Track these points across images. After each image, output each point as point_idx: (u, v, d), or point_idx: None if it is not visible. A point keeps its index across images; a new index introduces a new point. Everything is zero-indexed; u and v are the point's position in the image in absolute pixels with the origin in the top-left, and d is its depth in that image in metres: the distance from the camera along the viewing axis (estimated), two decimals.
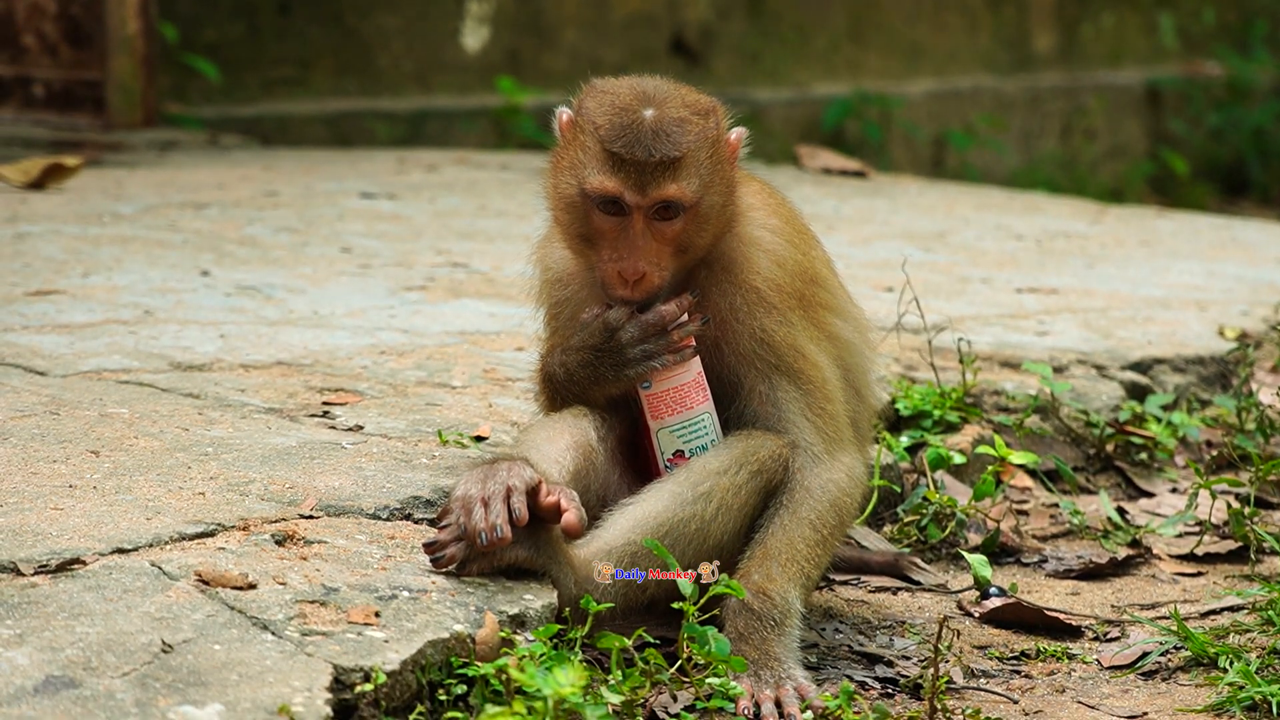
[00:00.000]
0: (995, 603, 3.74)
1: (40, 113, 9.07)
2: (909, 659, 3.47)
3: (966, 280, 6.01)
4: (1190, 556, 4.11)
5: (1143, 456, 4.61)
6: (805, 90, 11.19)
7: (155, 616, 2.83)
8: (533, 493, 3.10)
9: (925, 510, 4.10)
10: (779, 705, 3.11)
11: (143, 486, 3.34)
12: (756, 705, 3.11)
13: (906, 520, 4.13)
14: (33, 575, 2.93)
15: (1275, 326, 5.23)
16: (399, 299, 5.20)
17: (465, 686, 2.89)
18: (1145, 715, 3.27)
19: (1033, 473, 4.46)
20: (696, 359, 3.35)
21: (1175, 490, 4.51)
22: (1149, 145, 12.97)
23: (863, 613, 3.71)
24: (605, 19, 10.53)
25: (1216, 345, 5.23)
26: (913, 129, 11.59)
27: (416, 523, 3.33)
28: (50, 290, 5.04)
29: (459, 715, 2.84)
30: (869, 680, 3.38)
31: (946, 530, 4.08)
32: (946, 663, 3.39)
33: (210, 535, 3.15)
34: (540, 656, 2.94)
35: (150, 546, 3.07)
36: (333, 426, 3.88)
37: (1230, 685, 3.27)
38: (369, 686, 2.78)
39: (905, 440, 4.35)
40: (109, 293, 5.04)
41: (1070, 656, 3.56)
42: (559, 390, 3.41)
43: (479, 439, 3.85)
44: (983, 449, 4.13)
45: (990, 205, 8.05)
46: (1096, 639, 3.66)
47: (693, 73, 10.35)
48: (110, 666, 2.70)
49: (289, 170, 7.84)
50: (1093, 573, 4.01)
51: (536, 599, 3.08)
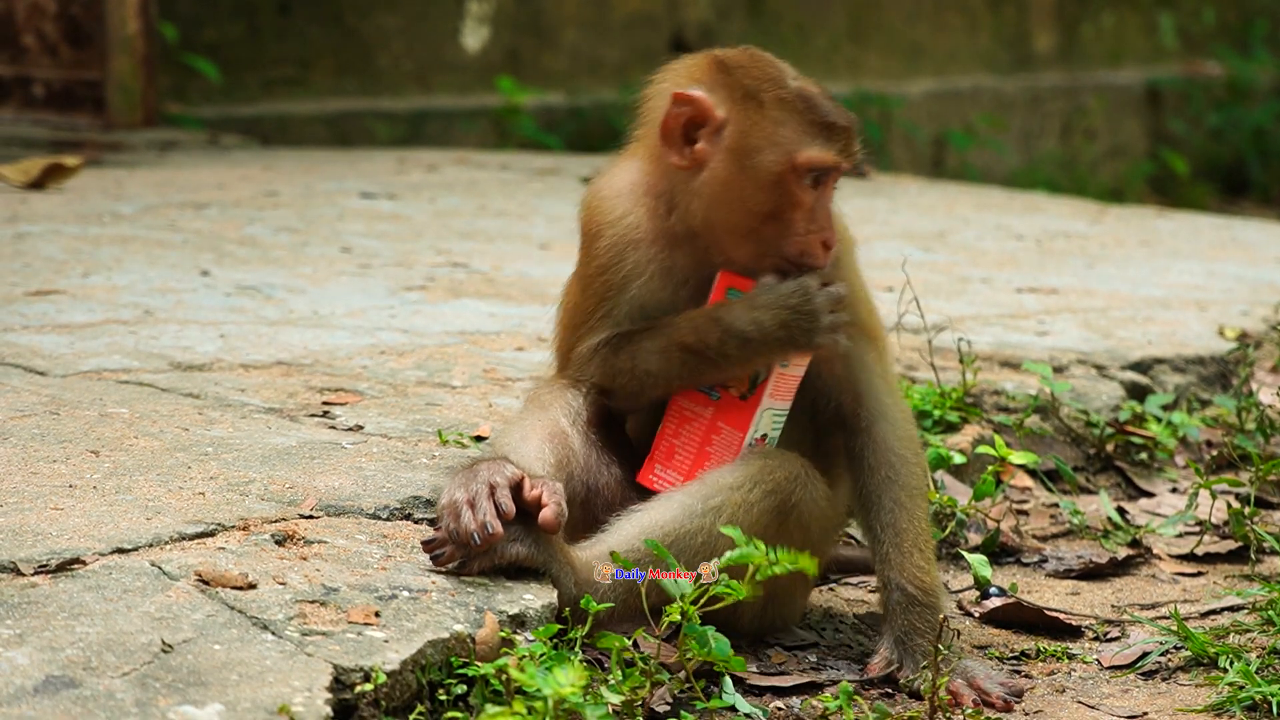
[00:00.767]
0: (995, 603, 3.74)
1: (40, 113, 9.07)
2: None
3: (966, 280, 6.02)
4: (1190, 556, 4.11)
5: (1143, 456, 4.61)
6: None
7: (155, 616, 2.83)
8: (517, 488, 3.11)
9: None
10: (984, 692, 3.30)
11: (143, 486, 3.34)
12: (981, 695, 3.28)
13: None
14: (33, 575, 2.93)
15: (1275, 326, 5.23)
16: (399, 299, 5.21)
17: (465, 686, 2.89)
18: (1145, 715, 3.27)
19: (1033, 473, 4.46)
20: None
21: (1175, 490, 4.51)
22: (1149, 145, 12.98)
23: (863, 613, 3.71)
24: (605, 19, 10.53)
25: (1216, 345, 5.23)
26: (913, 129, 11.59)
27: (416, 523, 3.33)
28: (50, 290, 5.04)
29: (459, 715, 2.84)
30: (869, 680, 3.38)
31: (947, 530, 4.08)
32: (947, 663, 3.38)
33: (210, 535, 3.15)
34: (540, 656, 2.94)
35: (150, 546, 3.07)
36: (333, 426, 3.88)
37: (1230, 685, 3.27)
38: (369, 686, 2.78)
39: None
40: (109, 293, 5.04)
41: (1070, 656, 3.56)
42: (735, 349, 3.34)
43: (479, 439, 3.85)
44: (983, 449, 4.12)
45: (990, 205, 8.05)
46: (1096, 639, 3.66)
47: None
48: (110, 666, 2.70)
49: (289, 170, 7.84)
50: (1093, 573, 4.01)
51: (536, 599, 3.09)
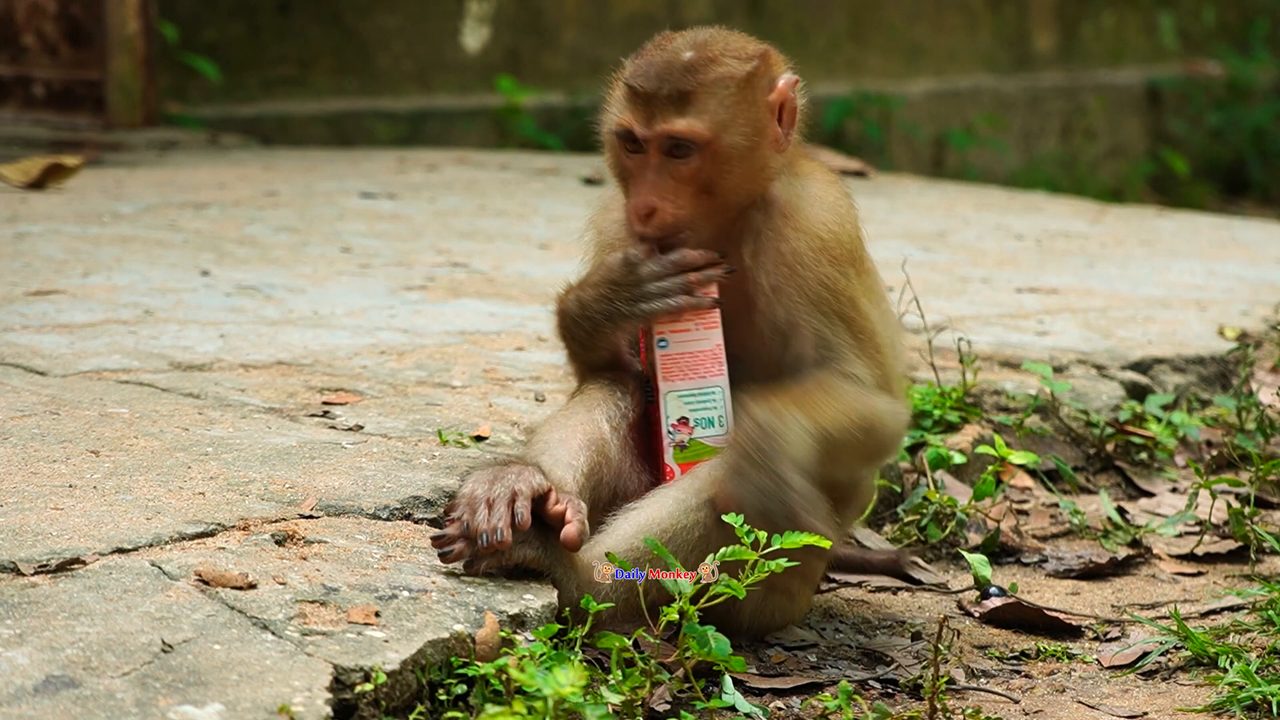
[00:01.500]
0: (995, 602, 3.74)
1: (40, 112, 9.07)
2: (909, 659, 3.48)
3: (966, 280, 6.02)
4: (1190, 556, 4.11)
5: (1143, 456, 4.61)
6: (805, 90, 11.19)
7: (155, 616, 2.83)
8: (541, 499, 3.11)
9: (925, 510, 4.10)
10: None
11: (143, 486, 3.34)
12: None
13: (906, 520, 4.13)
14: (33, 575, 2.93)
15: (1275, 326, 5.23)
16: (399, 299, 5.20)
17: (465, 686, 2.89)
18: (1145, 715, 3.27)
19: (1033, 472, 4.46)
20: (717, 331, 3.34)
21: (1175, 490, 4.51)
22: (1149, 145, 12.98)
23: (863, 612, 3.71)
24: (605, 19, 10.53)
25: (1216, 345, 5.23)
26: (913, 129, 11.59)
27: (416, 523, 3.34)
28: (50, 290, 5.04)
29: (459, 715, 2.84)
30: (869, 680, 3.38)
31: (946, 530, 4.08)
32: (946, 662, 3.39)
33: (210, 535, 3.15)
34: (540, 656, 2.94)
35: (150, 546, 3.07)
36: (333, 426, 3.88)
37: (1230, 685, 3.27)
38: (369, 686, 2.78)
39: (905, 440, 4.34)
40: (109, 292, 5.04)
41: (1070, 656, 3.56)
42: (571, 329, 3.39)
43: (479, 439, 3.85)
44: (983, 449, 4.13)
45: (990, 205, 8.05)
46: (1096, 639, 3.66)
47: None
48: (110, 666, 2.70)
49: (289, 170, 7.84)
50: (1093, 572, 4.01)
51: (536, 599, 3.09)
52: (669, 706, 3.10)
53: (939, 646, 3.12)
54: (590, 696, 2.87)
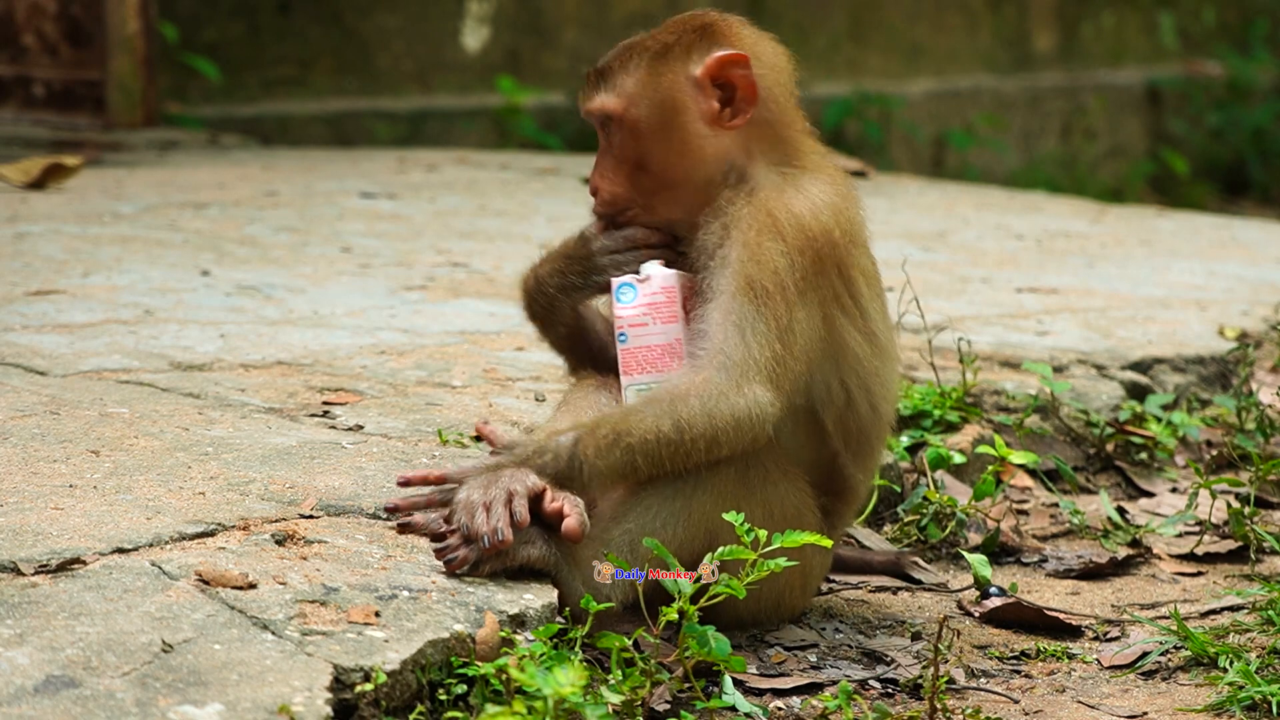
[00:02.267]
0: (995, 602, 3.74)
1: (40, 112, 9.07)
2: (909, 659, 3.48)
3: (966, 280, 6.02)
4: (1190, 556, 4.11)
5: (1143, 456, 4.61)
6: (805, 90, 11.16)
7: (155, 616, 2.83)
8: (537, 498, 3.11)
9: (925, 510, 4.11)
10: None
11: (143, 486, 3.34)
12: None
13: (906, 520, 4.13)
14: (33, 575, 2.93)
15: (1275, 326, 5.23)
16: (399, 299, 5.21)
17: (465, 686, 2.89)
18: (1145, 715, 3.27)
19: (1033, 472, 4.46)
20: (676, 326, 3.32)
21: (1175, 490, 4.51)
22: (1149, 145, 12.98)
23: (863, 612, 3.71)
24: (605, 19, 10.53)
25: (1216, 345, 5.23)
26: (913, 129, 11.59)
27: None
28: (50, 290, 5.04)
29: (459, 715, 2.84)
30: (869, 680, 3.38)
31: (946, 530, 4.08)
32: (946, 662, 3.39)
33: (210, 535, 3.15)
34: (540, 656, 2.94)
35: (150, 546, 3.07)
36: (333, 426, 3.88)
37: (1230, 685, 3.27)
38: (369, 686, 2.78)
39: (905, 440, 4.35)
40: (109, 292, 5.04)
41: (1070, 656, 3.56)
42: (530, 305, 3.49)
43: (478, 439, 3.85)
44: (983, 449, 4.13)
45: (990, 205, 8.05)
46: (1096, 639, 3.66)
47: None
48: (110, 666, 2.70)
49: (289, 170, 7.84)
50: (1093, 572, 4.01)
51: (537, 599, 3.09)
52: (669, 706, 3.10)
53: (939, 646, 3.12)
54: (590, 696, 2.87)
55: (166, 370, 4.25)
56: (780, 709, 3.24)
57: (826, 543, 3.18)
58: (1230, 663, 3.38)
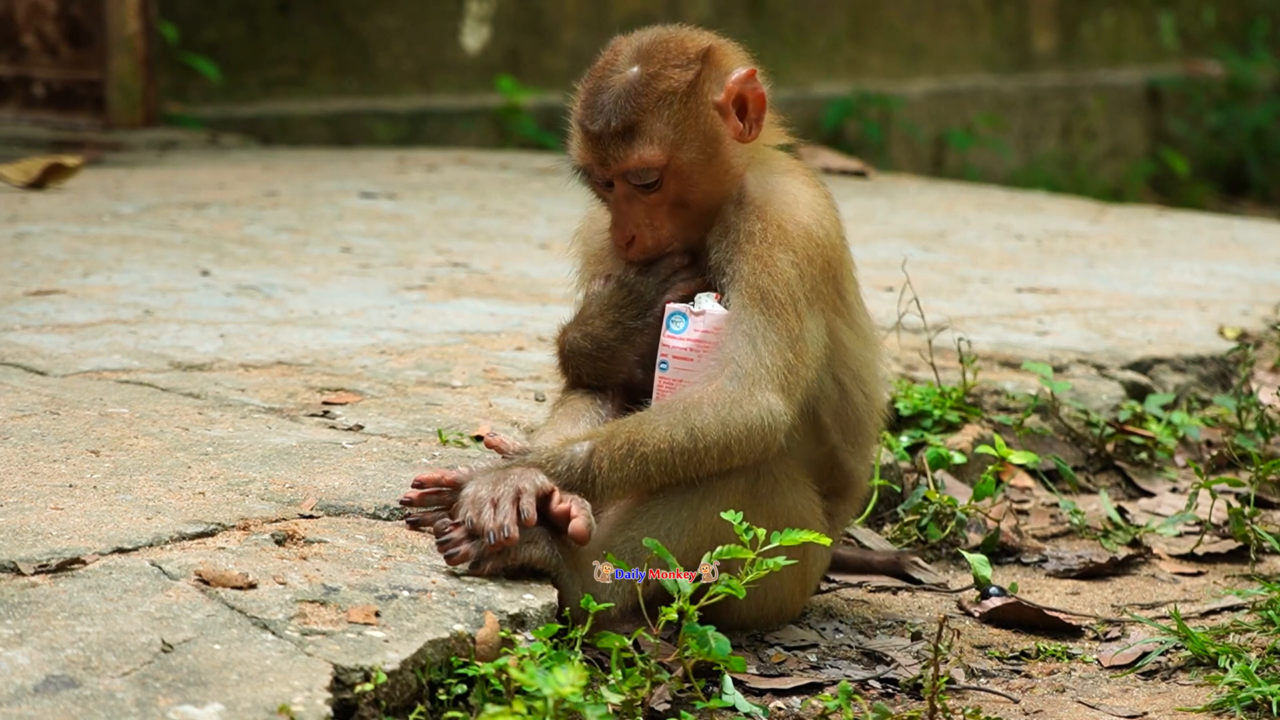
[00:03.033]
0: (995, 602, 3.74)
1: (40, 112, 9.07)
2: (909, 659, 3.48)
3: (966, 280, 6.02)
4: (1190, 556, 4.11)
5: (1143, 456, 4.61)
6: (805, 90, 11.19)
7: (155, 616, 2.83)
8: (545, 499, 3.11)
9: (925, 510, 4.11)
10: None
11: (143, 486, 3.34)
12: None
13: (906, 520, 4.13)
14: (33, 575, 2.93)
15: (1275, 326, 5.23)
16: (399, 299, 5.21)
17: (465, 686, 2.89)
18: (1145, 715, 3.27)
19: (1033, 472, 4.46)
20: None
21: (1175, 490, 4.51)
22: (1149, 145, 12.98)
23: (863, 612, 3.71)
24: (605, 19, 10.53)
25: (1216, 345, 5.23)
26: (913, 129, 11.59)
27: (404, 521, 3.33)
28: (50, 290, 5.04)
29: (459, 715, 2.84)
30: (869, 680, 3.38)
31: (946, 530, 4.08)
32: (946, 662, 3.39)
33: (210, 535, 3.15)
34: (540, 656, 2.94)
35: (150, 546, 3.07)
36: (333, 426, 3.88)
37: (1230, 685, 3.27)
38: (369, 686, 2.78)
39: (905, 440, 4.35)
40: (109, 292, 5.04)
41: (1070, 656, 3.56)
42: (584, 364, 3.41)
43: (479, 439, 3.85)
44: (983, 449, 4.13)
45: (990, 205, 8.05)
46: (1096, 639, 3.66)
47: None
48: (110, 666, 2.70)
49: (289, 170, 7.84)
50: (1093, 572, 4.01)
51: (537, 599, 3.09)
52: (669, 706, 3.10)
53: (939, 646, 3.12)
54: (590, 696, 2.87)
55: (166, 370, 4.25)
56: (780, 709, 3.24)
57: (825, 540, 3.18)
58: (1230, 663, 3.38)
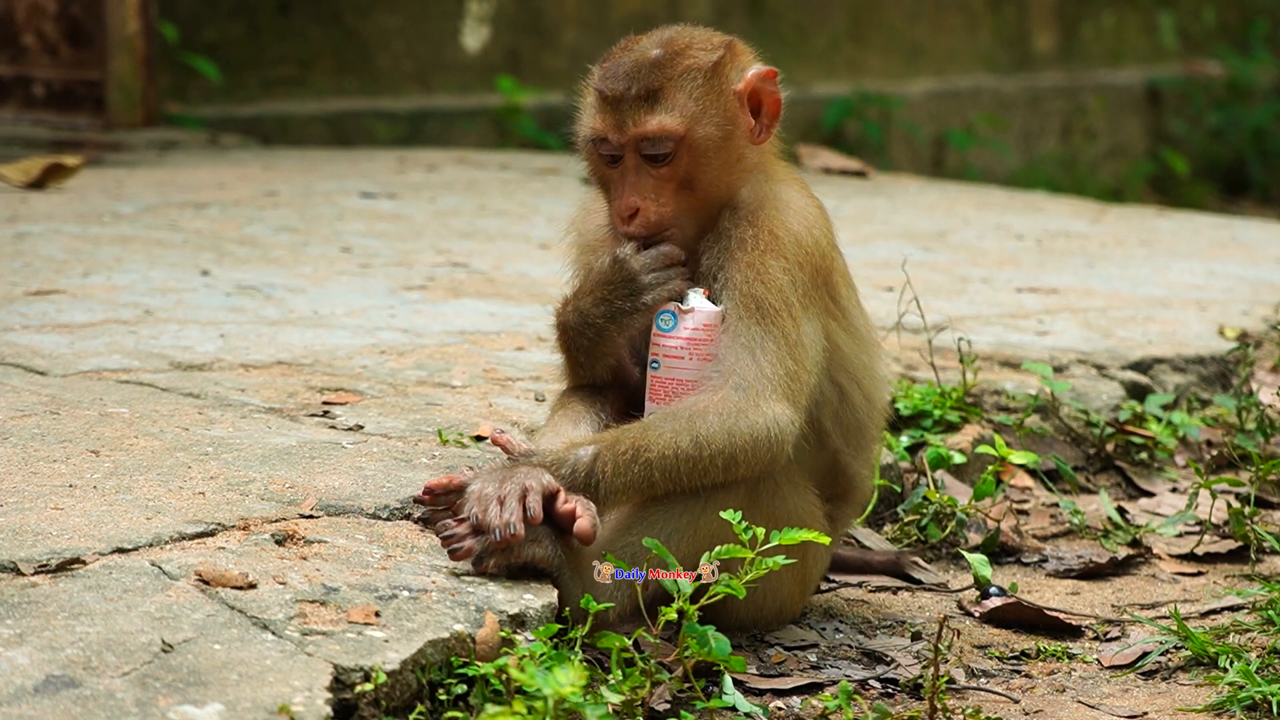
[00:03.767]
0: (995, 602, 3.74)
1: (40, 112, 9.07)
2: (909, 659, 3.48)
3: (966, 280, 6.02)
4: (1190, 556, 4.11)
5: (1143, 456, 4.61)
6: (805, 90, 11.19)
7: (155, 616, 2.83)
8: (550, 498, 3.11)
9: (925, 510, 4.11)
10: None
11: (143, 486, 3.34)
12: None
13: (907, 520, 4.13)
14: (33, 575, 2.93)
15: (1275, 326, 5.23)
16: (399, 298, 5.21)
17: (465, 686, 2.89)
18: (1145, 715, 3.27)
19: (1033, 472, 4.46)
20: (707, 366, 3.33)
21: (1175, 490, 4.51)
22: (1149, 145, 12.98)
23: (863, 612, 3.71)
24: (605, 19, 10.53)
25: (1216, 345, 5.23)
26: (913, 129, 11.59)
27: (416, 522, 3.33)
28: (50, 290, 5.04)
29: (459, 715, 2.84)
30: (869, 680, 3.38)
31: (947, 530, 4.08)
32: (946, 662, 3.39)
33: (210, 535, 3.15)
34: (540, 656, 2.94)
35: (150, 546, 3.07)
36: (333, 426, 3.88)
37: (1230, 685, 3.27)
38: (369, 686, 2.78)
39: (905, 440, 4.35)
40: (109, 292, 5.04)
41: (1070, 656, 3.56)
42: (573, 341, 3.39)
43: (479, 439, 3.85)
44: (983, 448, 4.13)
45: (990, 205, 8.05)
46: (1096, 639, 3.66)
47: None
48: (110, 666, 2.70)
49: (289, 170, 7.84)
50: (1093, 572, 4.01)
51: (536, 599, 3.09)
52: (669, 706, 3.10)
53: (939, 646, 3.12)
54: (590, 696, 2.87)
55: (166, 370, 4.25)
56: (780, 709, 3.24)
57: (824, 539, 3.18)
58: (1230, 663, 3.38)
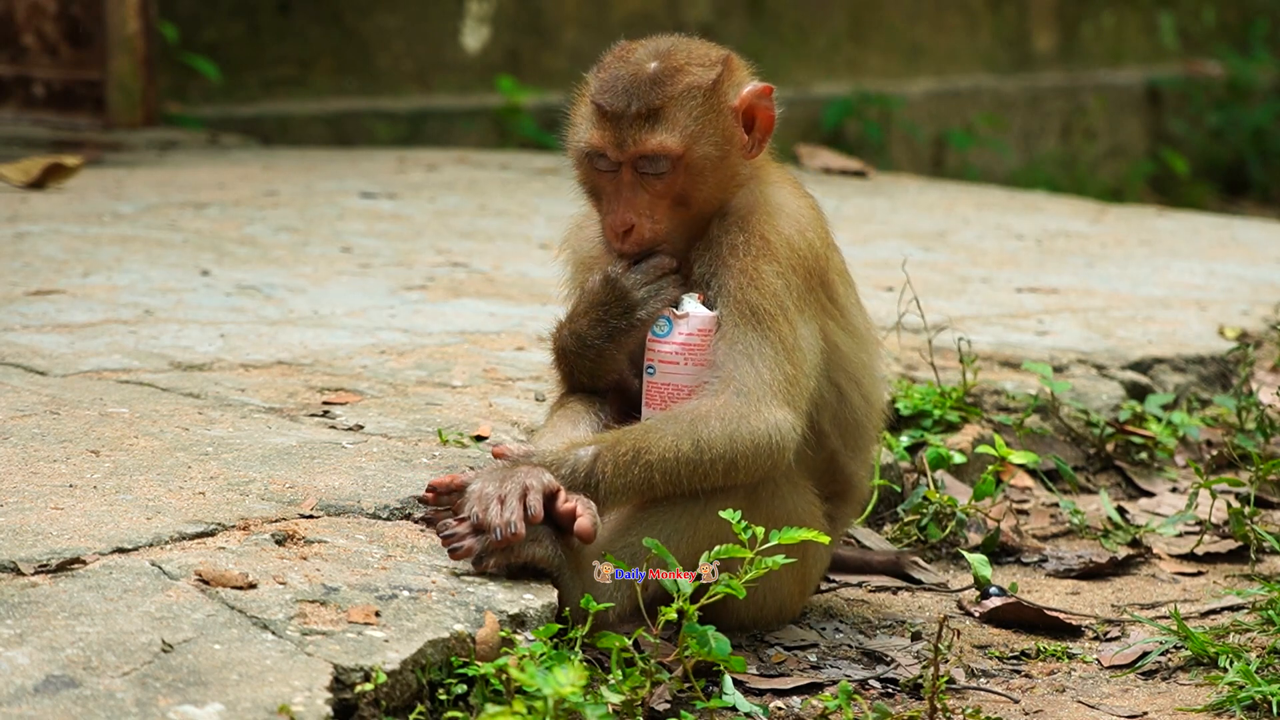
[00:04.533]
0: (995, 602, 3.74)
1: (40, 112, 9.07)
2: (909, 659, 3.48)
3: (966, 280, 6.02)
4: (1190, 556, 4.11)
5: (1143, 456, 4.61)
6: (805, 90, 11.19)
7: (155, 616, 2.83)
8: (550, 497, 3.11)
9: (925, 510, 4.11)
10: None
11: (143, 486, 3.34)
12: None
13: (907, 520, 4.13)
14: (33, 575, 2.93)
15: (1275, 326, 5.23)
16: (399, 298, 5.21)
17: (465, 686, 2.90)
18: (1145, 715, 3.27)
19: (1033, 472, 4.46)
20: (705, 371, 3.33)
21: (1175, 490, 4.51)
22: (1149, 145, 12.98)
23: (863, 612, 3.71)
24: (605, 19, 10.53)
25: (1216, 345, 5.23)
26: (913, 129, 11.59)
27: (416, 522, 3.33)
28: (50, 290, 5.04)
29: (459, 715, 2.84)
30: (869, 680, 3.38)
31: (947, 530, 4.08)
32: (946, 662, 3.39)
33: (210, 535, 3.15)
34: (540, 656, 2.94)
35: (150, 546, 3.07)
36: (333, 426, 3.88)
37: (1230, 685, 3.27)
38: (369, 686, 2.78)
39: (905, 440, 4.35)
40: (109, 292, 5.04)
41: (1070, 656, 3.56)
42: (574, 363, 3.39)
43: (479, 439, 3.85)
44: (983, 448, 4.13)
45: (990, 205, 8.05)
46: (1096, 639, 3.66)
47: None
48: (110, 666, 2.70)
49: (289, 170, 7.84)
50: (1093, 572, 4.01)
51: (536, 599, 3.09)
52: (669, 706, 3.10)
53: (939, 646, 3.12)
54: (590, 696, 2.87)
55: (166, 370, 4.25)
56: (780, 709, 3.24)
57: (824, 539, 3.18)
58: (1230, 663, 3.38)
